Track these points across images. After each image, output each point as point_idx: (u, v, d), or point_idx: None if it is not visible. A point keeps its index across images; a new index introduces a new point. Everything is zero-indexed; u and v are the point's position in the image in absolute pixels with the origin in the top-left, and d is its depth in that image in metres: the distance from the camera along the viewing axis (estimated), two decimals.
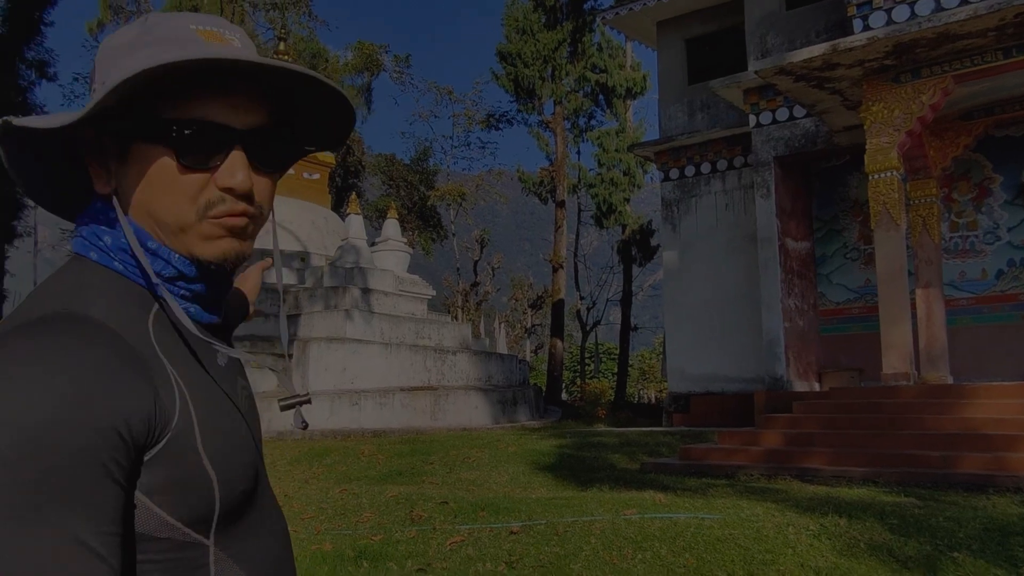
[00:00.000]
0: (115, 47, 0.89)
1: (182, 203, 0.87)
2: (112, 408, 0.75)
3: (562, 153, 27.36)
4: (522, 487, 7.63)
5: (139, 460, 0.79)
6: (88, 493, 0.73)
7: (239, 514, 0.91)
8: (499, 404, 15.81)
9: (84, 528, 0.72)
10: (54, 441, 0.71)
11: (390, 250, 20.82)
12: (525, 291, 40.80)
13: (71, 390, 0.73)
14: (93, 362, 0.76)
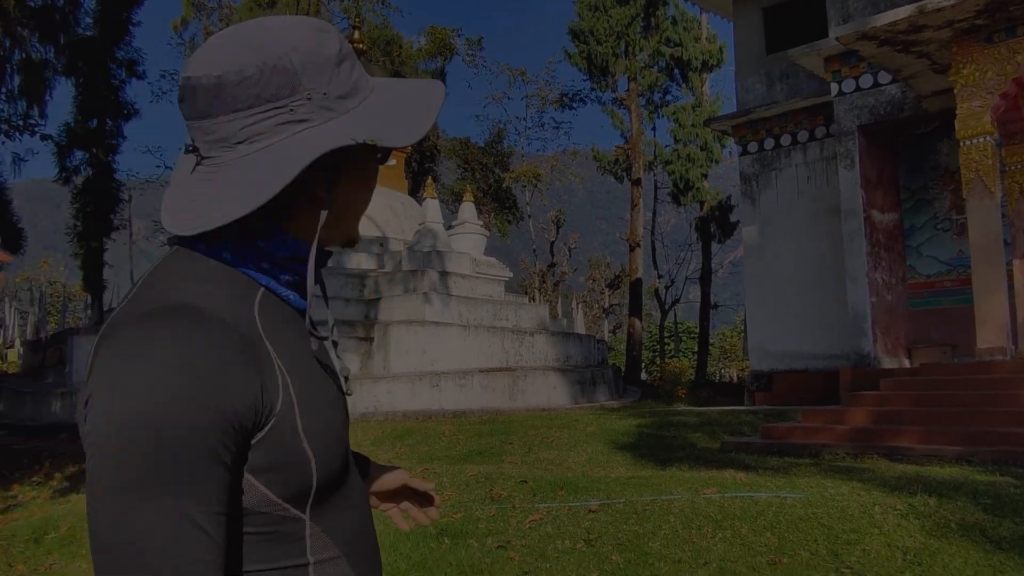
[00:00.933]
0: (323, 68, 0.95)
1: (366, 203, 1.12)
2: (223, 396, 0.81)
3: (637, 130, 27.03)
4: (601, 466, 7.64)
5: (247, 443, 0.86)
6: (199, 474, 0.80)
7: (332, 490, 0.97)
8: (577, 384, 15.81)
9: (193, 506, 0.79)
10: (171, 425, 0.78)
11: (467, 233, 20.99)
12: (602, 271, 40.55)
13: (186, 380, 0.80)
14: (206, 352, 0.82)
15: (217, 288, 0.91)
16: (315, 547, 0.94)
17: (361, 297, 16.62)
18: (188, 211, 0.91)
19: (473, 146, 34.18)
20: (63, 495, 7.19)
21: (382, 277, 16.95)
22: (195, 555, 0.79)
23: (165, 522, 0.78)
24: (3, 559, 5.14)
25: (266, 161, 0.90)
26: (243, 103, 0.89)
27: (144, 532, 0.77)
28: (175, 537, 0.78)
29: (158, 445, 0.78)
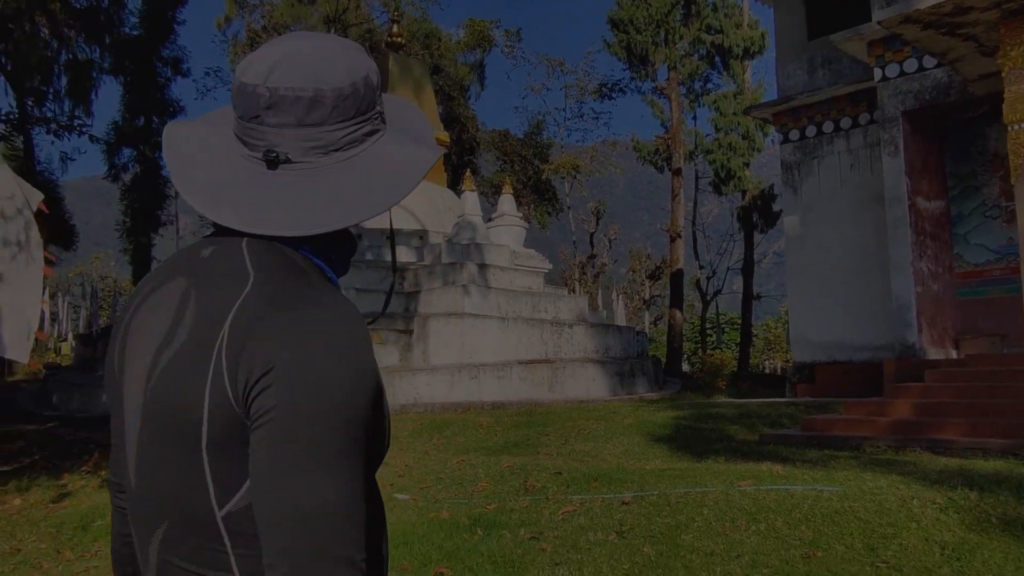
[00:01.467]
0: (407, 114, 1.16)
1: None
2: (376, 371, 0.93)
3: (677, 119, 26.75)
4: (636, 458, 7.62)
5: (382, 411, 0.95)
6: (365, 439, 0.89)
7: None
8: (617, 376, 15.76)
9: (361, 468, 0.89)
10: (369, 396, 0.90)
11: (506, 225, 21.00)
12: (643, 262, 40.27)
13: (370, 353, 0.91)
14: (366, 336, 0.92)
15: (320, 277, 1.00)
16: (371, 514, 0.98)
17: (401, 290, 16.75)
18: (289, 210, 0.96)
19: (512, 138, 34.15)
20: None
21: (421, 270, 17.07)
22: (362, 515, 0.88)
23: (357, 483, 0.87)
24: (52, 545, 5.32)
25: (371, 167, 1.01)
26: (349, 114, 1.00)
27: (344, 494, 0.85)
28: (358, 497, 0.87)
29: (363, 416, 0.88)
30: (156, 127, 26.62)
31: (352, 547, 0.85)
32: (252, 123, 0.98)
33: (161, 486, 0.94)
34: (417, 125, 1.14)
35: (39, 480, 7.63)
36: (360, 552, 0.86)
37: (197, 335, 0.92)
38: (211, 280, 0.96)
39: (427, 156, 1.06)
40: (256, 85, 0.97)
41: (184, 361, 0.91)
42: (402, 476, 6.79)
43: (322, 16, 33.47)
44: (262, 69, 0.97)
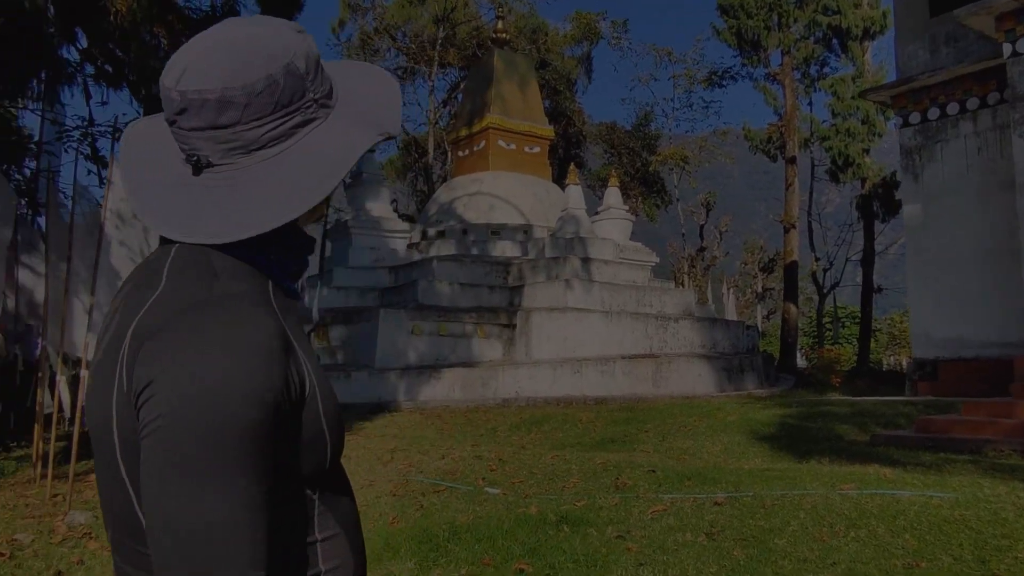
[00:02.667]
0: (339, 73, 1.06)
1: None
2: (276, 379, 0.85)
3: (791, 106, 25.76)
4: (735, 457, 7.38)
5: (286, 424, 0.89)
6: (263, 455, 0.83)
7: (334, 471, 1.01)
8: (724, 372, 15.35)
9: (258, 486, 0.83)
10: (265, 408, 0.83)
11: (612, 218, 20.82)
12: (756, 254, 39.01)
13: (267, 364, 0.85)
14: (262, 338, 0.86)
15: (244, 281, 0.94)
16: (321, 525, 0.97)
17: (505, 284, 16.87)
18: (214, 216, 0.92)
19: (619, 130, 33.78)
20: None
21: (525, 264, 17.13)
22: (255, 531, 0.82)
23: (238, 501, 0.81)
24: None
25: (298, 163, 0.95)
26: (267, 110, 0.93)
27: (226, 511, 0.80)
28: (244, 514, 0.81)
29: (244, 427, 0.81)
30: None
31: (237, 566, 0.81)
32: (173, 127, 0.95)
33: (104, 494, 0.94)
34: (372, 97, 1.05)
35: None
36: (255, 569, 0.82)
37: (110, 346, 0.91)
38: (136, 289, 0.95)
39: (361, 140, 0.99)
40: (170, 89, 0.92)
41: (100, 372, 0.91)
42: (494, 471, 6.82)
43: (432, 15, 34.07)
44: (176, 71, 0.92)
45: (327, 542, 0.97)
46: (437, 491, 6.27)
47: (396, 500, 6.09)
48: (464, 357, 14.23)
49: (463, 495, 6.07)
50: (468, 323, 14.49)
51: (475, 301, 15.77)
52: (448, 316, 14.33)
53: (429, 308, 14.63)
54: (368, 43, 34.97)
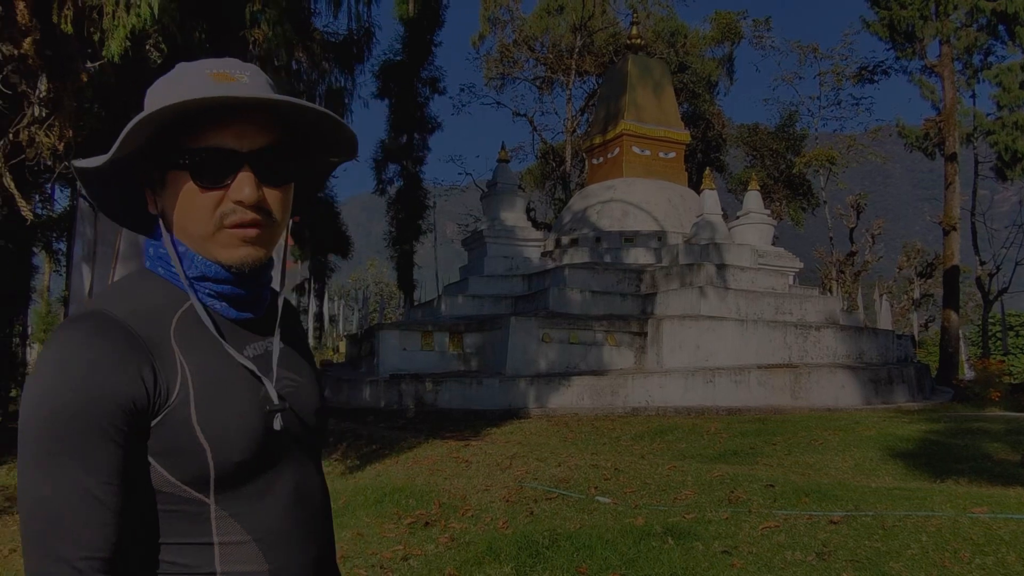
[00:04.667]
0: (151, 92, 1.10)
1: (203, 216, 1.07)
2: (111, 386, 0.97)
3: (951, 99, 24.07)
4: (864, 474, 6.99)
5: (145, 427, 1.01)
6: (90, 449, 0.96)
7: (241, 481, 1.07)
8: (871, 383, 14.51)
9: (86, 476, 0.95)
10: (66, 409, 0.95)
11: (751, 223, 20.18)
12: (912, 258, 36.48)
13: (79, 372, 0.97)
14: (101, 350, 0.98)
15: (138, 299, 1.07)
16: (221, 529, 1.05)
17: (637, 292, 16.71)
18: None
19: (762, 131, 32.68)
20: (352, 472, 8.15)
21: (658, 271, 16.90)
22: (87, 517, 0.94)
23: (58, 488, 0.94)
24: None
25: None
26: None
27: (41, 497, 0.95)
28: (69, 501, 0.94)
29: (55, 425, 0.95)
30: (417, 143, 28.87)
31: (64, 544, 0.93)
32: None
33: None
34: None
35: None
36: (82, 550, 0.94)
37: None
38: None
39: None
40: None
41: None
42: (608, 479, 6.79)
43: (570, 24, 34.31)
44: None
45: (229, 547, 1.05)
46: (549, 498, 6.32)
47: (508, 506, 6.19)
48: (594, 365, 14.22)
49: (574, 503, 6.10)
50: (599, 331, 14.46)
51: (606, 309, 15.72)
52: (578, 324, 14.36)
53: (560, 316, 14.72)
54: (507, 55, 35.63)
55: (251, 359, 1.12)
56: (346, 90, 11.27)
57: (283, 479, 1.13)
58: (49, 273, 26.59)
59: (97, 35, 5.92)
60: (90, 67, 6.20)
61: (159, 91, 1.08)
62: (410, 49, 28.52)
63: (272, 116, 1.09)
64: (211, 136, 1.05)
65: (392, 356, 14.41)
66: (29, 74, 6.05)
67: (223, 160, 1.05)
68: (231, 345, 1.10)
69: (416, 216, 28.25)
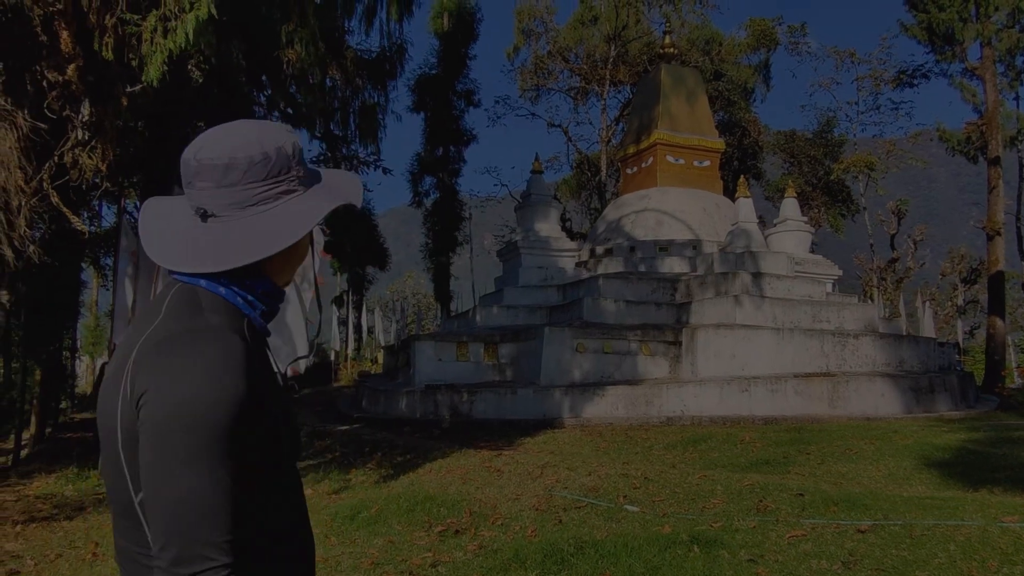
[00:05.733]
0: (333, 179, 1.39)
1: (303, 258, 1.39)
2: (245, 390, 1.15)
3: (994, 102, 23.64)
4: (898, 483, 6.93)
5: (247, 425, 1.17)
6: (230, 448, 1.14)
7: (288, 467, 1.32)
8: (912, 392, 14.28)
9: (227, 473, 1.13)
10: (228, 410, 1.13)
11: (788, 231, 20.03)
12: (956, 264, 35.69)
13: (234, 376, 1.15)
14: (233, 359, 1.17)
15: (221, 316, 1.24)
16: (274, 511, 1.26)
17: (672, 301, 16.67)
18: (209, 252, 1.25)
19: (800, 137, 32.37)
20: (385, 481, 8.28)
21: (693, 280, 16.84)
22: (227, 506, 1.12)
23: (211, 482, 1.11)
24: (323, 531, 6.13)
25: (277, 218, 1.26)
26: (260, 176, 1.26)
27: (197, 489, 1.10)
28: (216, 493, 1.11)
29: (204, 427, 1.11)
30: (452, 155, 29.15)
31: (211, 530, 1.09)
32: (188, 188, 1.26)
33: (108, 480, 1.22)
34: (340, 183, 1.36)
35: (331, 473, 8.77)
36: (223, 534, 1.10)
37: (119, 362, 1.23)
38: (142, 319, 1.26)
39: (323, 206, 1.30)
40: (188, 159, 1.26)
41: (110, 380, 1.23)
42: (638, 488, 6.83)
43: (604, 35, 34.39)
44: (194, 148, 1.26)
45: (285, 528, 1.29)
46: (578, 507, 6.38)
47: (537, 514, 6.26)
48: (628, 375, 14.22)
49: (602, 511, 6.15)
50: (633, 340, 14.46)
51: (641, 318, 15.72)
52: (612, 333, 14.38)
53: (594, 326, 14.76)
54: (541, 66, 35.81)
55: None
56: (379, 105, 11.49)
57: (294, 469, 1.38)
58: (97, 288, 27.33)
59: (136, 61, 6.18)
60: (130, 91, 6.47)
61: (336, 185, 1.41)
62: (445, 63, 28.86)
63: None
64: None
65: (428, 367, 14.56)
66: (73, 99, 6.36)
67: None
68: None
69: (452, 228, 28.49)
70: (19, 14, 5.83)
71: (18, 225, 6.64)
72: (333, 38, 9.58)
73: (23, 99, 6.45)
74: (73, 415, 20.81)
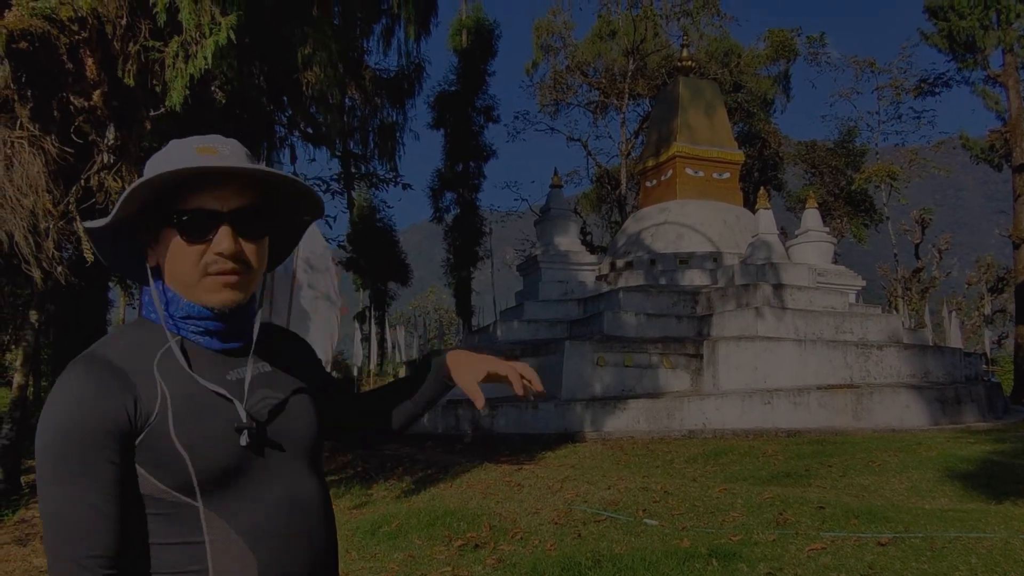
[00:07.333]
0: (149, 164, 1.32)
1: (190, 266, 1.28)
2: (100, 413, 1.18)
3: (1017, 109, 23.46)
4: (920, 496, 6.87)
5: (131, 444, 1.20)
6: (88, 466, 1.17)
7: (224, 485, 1.25)
8: (938, 403, 14.11)
9: (86, 489, 1.16)
10: (64, 435, 1.17)
11: (809, 242, 19.92)
12: (983, 273, 35.22)
13: (76, 402, 1.18)
14: (90, 385, 1.19)
15: (128, 340, 1.29)
16: (211, 528, 1.23)
17: (693, 314, 16.62)
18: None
19: (820, 147, 32.21)
20: (407, 495, 8.34)
21: (714, 293, 16.79)
22: (89, 522, 1.14)
23: (63, 500, 1.15)
24: (343, 546, 6.19)
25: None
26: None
27: (55, 508, 1.16)
28: (75, 509, 1.15)
29: (58, 448, 1.17)
30: (472, 171, 29.31)
31: (75, 546, 1.14)
32: None
33: None
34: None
35: (353, 488, 8.84)
36: (87, 551, 1.14)
37: None
38: None
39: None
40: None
41: None
42: (657, 502, 6.82)
43: (622, 49, 34.50)
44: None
45: (219, 544, 1.22)
46: (598, 520, 6.39)
47: (556, 528, 6.28)
48: (649, 388, 14.19)
49: (621, 525, 6.15)
50: (654, 354, 14.44)
51: (661, 331, 15.69)
52: (633, 347, 14.37)
53: (614, 339, 14.75)
54: (560, 81, 35.97)
55: (233, 382, 1.30)
56: (397, 124, 11.65)
57: (271, 483, 1.29)
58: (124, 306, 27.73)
59: (160, 86, 6.34)
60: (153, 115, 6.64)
61: (154, 163, 1.30)
62: (464, 79, 29.08)
63: (248, 181, 1.29)
64: (196, 199, 1.26)
65: None
66: (98, 124, 6.53)
67: (206, 218, 1.25)
68: (213, 371, 1.29)
69: (473, 243, 28.61)
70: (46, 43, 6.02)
71: (46, 247, 6.80)
72: (351, 58, 9.74)
73: (51, 125, 6.63)
74: None
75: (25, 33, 6.12)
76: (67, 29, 6.24)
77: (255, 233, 1.30)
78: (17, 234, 6.55)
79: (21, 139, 6.44)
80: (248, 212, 1.28)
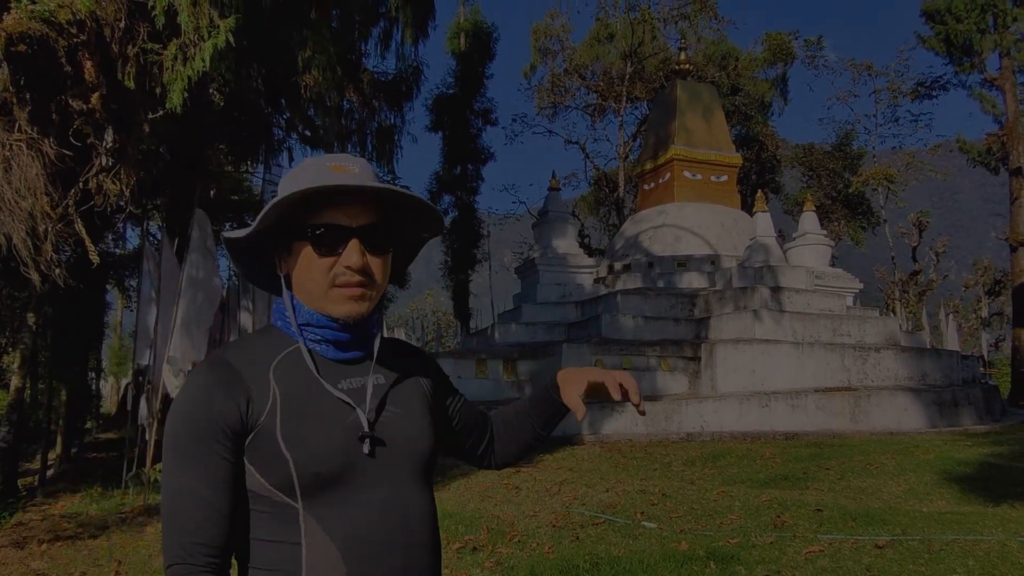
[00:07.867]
0: (284, 180, 1.39)
1: (319, 277, 1.35)
2: (214, 411, 1.27)
3: (1014, 112, 23.53)
4: (918, 499, 6.88)
5: (242, 442, 1.27)
6: (201, 460, 1.25)
7: (324, 489, 1.28)
8: (935, 406, 14.14)
9: (195, 480, 1.25)
10: (185, 430, 1.28)
11: (807, 244, 19.98)
12: (980, 275, 35.26)
13: (193, 401, 1.29)
14: (209, 384, 1.29)
15: (251, 345, 1.37)
16: (308, 531, 1.26)
17: (691, 317, 16.64)
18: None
19: (818, 150, 32.26)
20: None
21: (712, 295, 16.81)
22: (193, 512, 1.24)
23: (177, 489, 1.25)
24: None
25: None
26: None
27: (171, 496, 1.25)
28: (180, 499, 1.25)
29: (177, 441, 1.27)
30: (470, 174, 29.32)
31: (181, 533, 1.23)
32: None
33: None
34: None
35: None
36: (189, 536, 1.22)
37: None
38: None
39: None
40: None
41: None
42: (655, 505, 6.83)
43: (620, 52, 34.54)
44: None
45: (314, 547, 1.25)
46: (596, 523, 6.39)
47: (555, 531, 6.28)
48: (647, 390, 14.19)
49: (619, 528, 6.16)
50: (652, 356, 14.44)
51: (659, 334, 15.70)
52: (631, 349, 14.37)
53: (612, 342, 14.76)
54: (558, 84, 36.01)
55: (346, 391, 1.34)
56: (395, 127, 11.65)
57: (372, 493, 1.30)
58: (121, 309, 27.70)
59: (159, 89, 6.35)
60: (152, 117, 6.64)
61: (289, 179, 1.37)
62: (462, 82, 29.07)
63: (374, 198, 1.36)
64: (328, 215, 1.32)
65: None
66: (97, 126, 6.53)
67: (337, 233, 1.33)
68: (328, 380, 1.34)
69: (471, 246, 28.61)
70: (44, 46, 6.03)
71: (45, 250, 6.80)
72: (350, 61, 9.75)
73: (49, 127, 6.64)
74: (98, 435, 21.06)
75: (24, 36, 6.12)
76: (66, 32, 6.25)
77: (381, 248, 1.37)
78: (15, 236, 6.55)
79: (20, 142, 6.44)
80: (375, 228, 1.35)
